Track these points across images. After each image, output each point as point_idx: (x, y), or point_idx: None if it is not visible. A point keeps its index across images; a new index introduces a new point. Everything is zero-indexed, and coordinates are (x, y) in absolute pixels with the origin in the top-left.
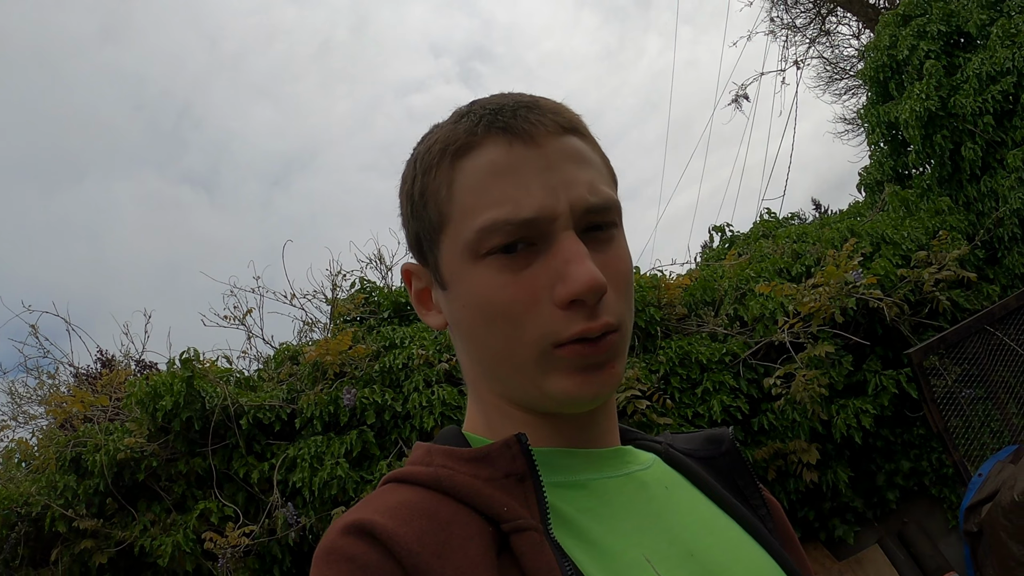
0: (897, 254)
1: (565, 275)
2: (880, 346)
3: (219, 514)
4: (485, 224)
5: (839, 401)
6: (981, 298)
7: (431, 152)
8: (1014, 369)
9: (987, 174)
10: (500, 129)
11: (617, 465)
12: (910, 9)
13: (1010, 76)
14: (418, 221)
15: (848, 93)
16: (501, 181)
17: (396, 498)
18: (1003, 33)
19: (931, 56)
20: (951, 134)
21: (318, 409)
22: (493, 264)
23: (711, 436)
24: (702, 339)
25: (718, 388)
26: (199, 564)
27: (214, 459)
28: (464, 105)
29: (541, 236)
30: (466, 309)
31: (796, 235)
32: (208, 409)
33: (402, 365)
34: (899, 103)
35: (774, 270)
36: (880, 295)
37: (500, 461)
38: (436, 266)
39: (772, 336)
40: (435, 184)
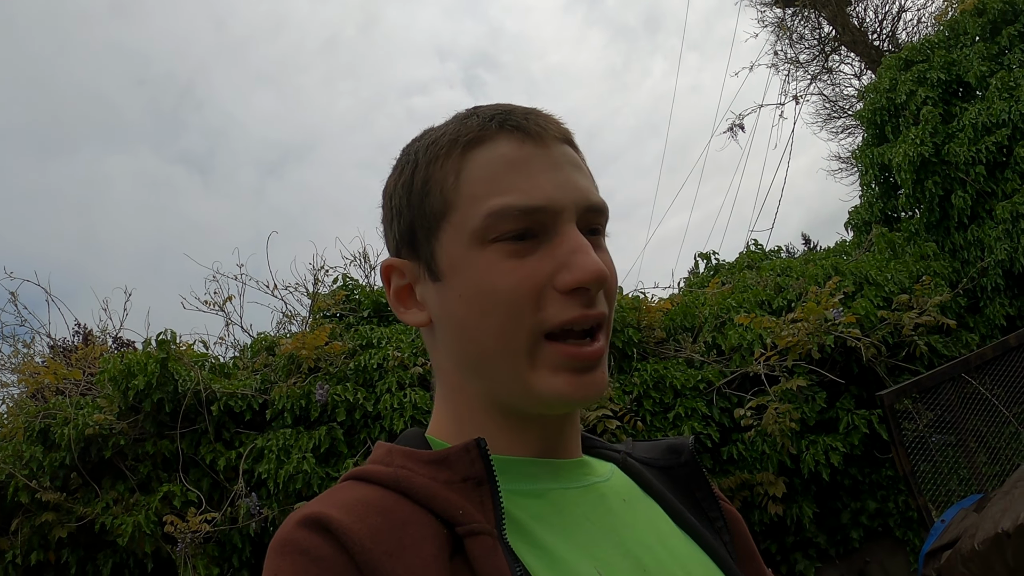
0: (879, 295)
1: (571, 263)
2: (855, 385)
3: (182, 498)
4: (494, 209)
5: (809, 437)
6: (959, 345)
7: (438, 143)
8: (987, 419)
9: (975, 223)
10: (513, 127)
11: (577, 476)
12: (912, 54)
13: (1005, 128)
14: (415, 211)
15: (845, 132)
16: (512, 172)
17: (354, 495)
18: (1002, 85)
19: (929, 102)
20: (942, 181)
21: (290, 402)
22: (500, 250)
23: (671, 445)
24: (678, 364)
25: (690, 414)
26: (158, 547)
27: (182, 443)
28: (466, 109)
29: (545, 228)
30: (462, 299)
31: (780, 268)
32: (180, 392)
33: (377, 365)
34: (894, 146)
35: (756, 302)
36: (858, 335)
37: (458, 465)
38: (431, 257)
39: (748, 367)
40: (441, 172)
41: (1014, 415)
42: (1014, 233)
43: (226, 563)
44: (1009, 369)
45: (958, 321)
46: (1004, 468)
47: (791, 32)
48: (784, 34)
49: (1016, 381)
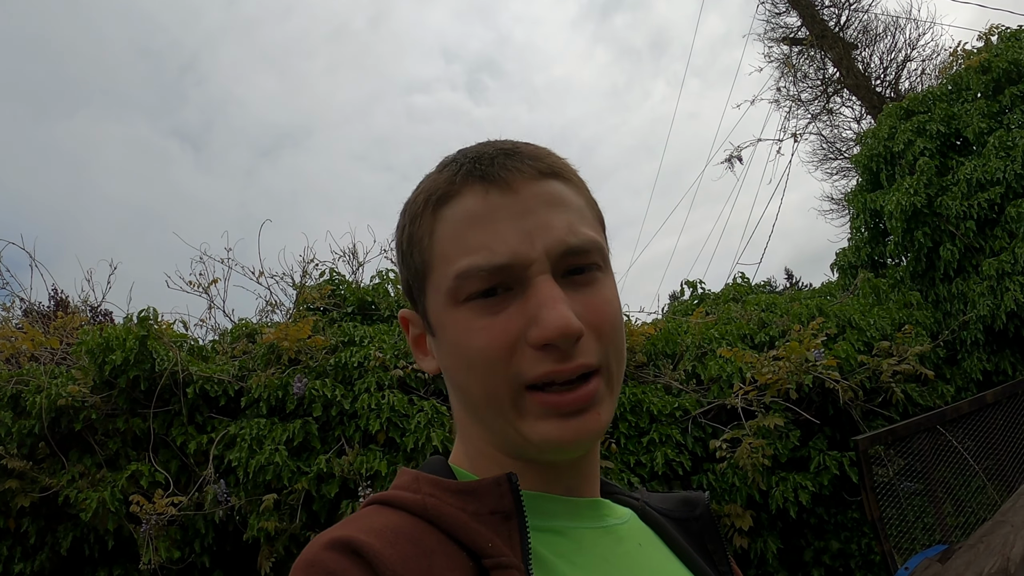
0: (861, 340)
1: (538, 319)
2: (829, 426)
3: (150, 479)
4: (460, 271)
5: (780, 473)
6: (935, 396)
7: (416, 202)
8: (956, 471)
9: (960, 277)
10: (478, 178)
11: (596, 516)
12: (914, 105)
13: (999, 187)
14: (407, 269)
15: (839, 174)
16: (476, 228)
17: (382, 520)
18: (999, 144)
19: (926, 154)
20: (932, 232)
21: (267, 392)
22: (472, 309)
23: (687, 499)
24: (656, 390)
25: (664, 441)
26: (121, 525)
27: (154, 422)
28: (451, 154)
29: (517, 281)
30: (451, 356)
31: (765, 304)
32: (157, 371)
33: (358, 364)
34: (887, 193)
35: (738, 334)
36: (837, 377)
37: (488, 497)
38: (425, 312)
39: (726, 399)
40: (419, 233)
41: (983, 469)
42: (998, 290)
43: (188, 547)
44: (983, 424)
45: (936, 372)
46: (970, 520)
47: (796, 70)
48: (789, 71)
49: (989, 436)
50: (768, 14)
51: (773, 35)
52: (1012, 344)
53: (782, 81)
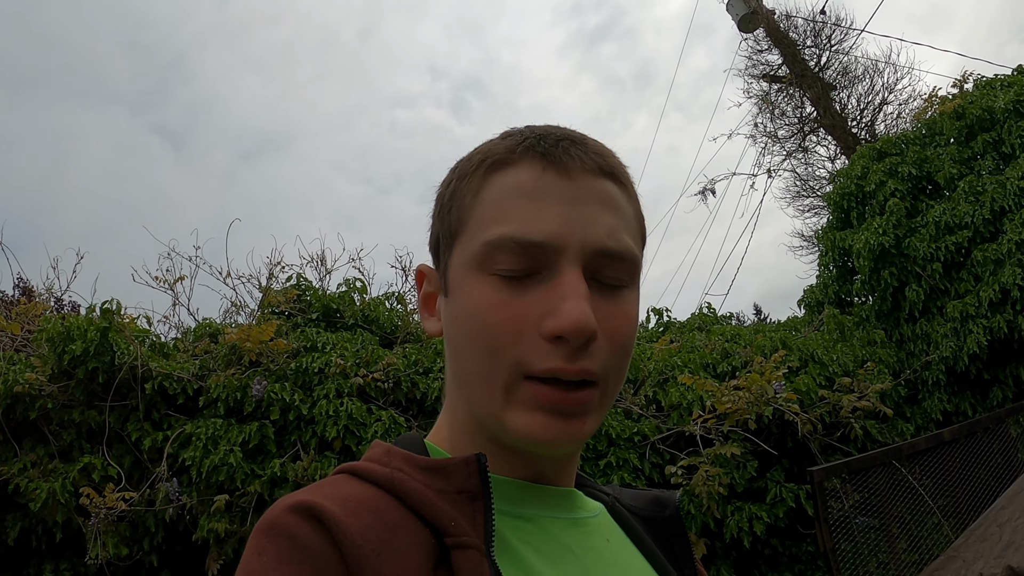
0: (823, 374)
1: (557, 309)
2: (787, 458)
3: (102, 472)
4: (492, 238)
5: (736, 503)
6: (894, 433)
7: (471, 160)
8: (912, 507)
9: (925, 318)
10: (539, 154)
11: (567, 507)
12: (887, 147)
13: (967, 231)
14: (441, 223)
15: (811, 211)
16: (522, 201)
17: (347, 490)
18: (969, 189)
19: (896, 195)
20: (899, 272)
21: (225, 392)
22: (494, 282)
23: (658, 498)
24: (616, 414)
25: (621, 464)
26: (70, 517)
27: (110, 416)
28: (517, 127)
29: (546, 265)
30: (457, 320)
31: (730, 335)
32: (117, 365)
33: (318, 370)
34: (856, 232)
35: (701, 363)
36: (797, 409)
37: (456, 476)
38: (445, 271)
39: (685, 426)
40: (464, 191)
41: (939, 507)
42: (961, 332)
43: (136, 545)
44: (940, 462)
45: (896, 410)
46: (924, 557)
47: (774, 107)
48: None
49: (945, 475)
50: (750, 51)
51: (754, 72)
52: (973, 386)
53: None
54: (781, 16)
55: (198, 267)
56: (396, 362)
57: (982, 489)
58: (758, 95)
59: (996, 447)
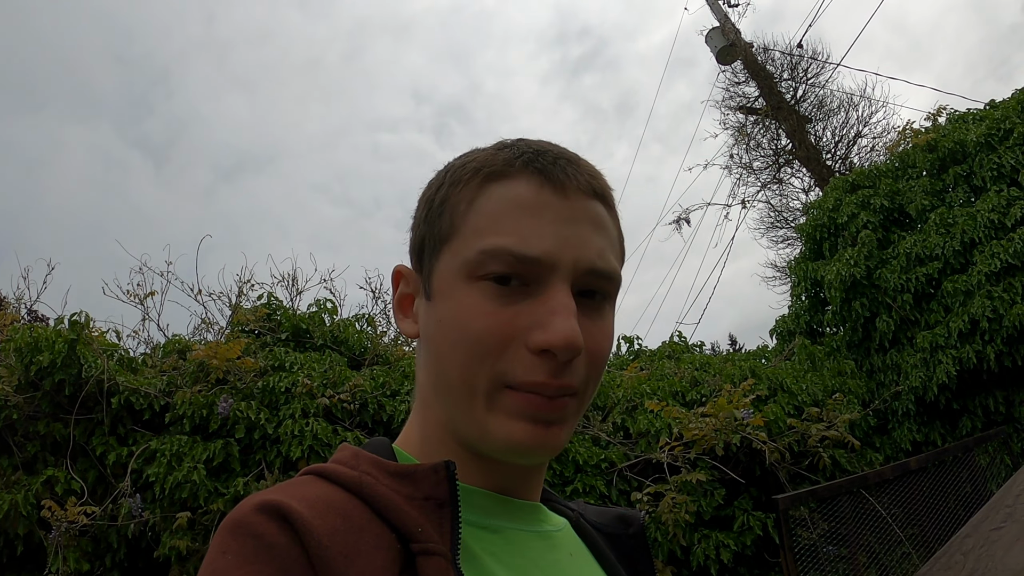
0: (791, 403)
1: (547, 324)
2: (755, 487)
3: (65, 486)
4: (488, 247)
5: (703, 531)
6: (863, 463)
7: (465, 168)
8: (881, 537)
9: (895, 348)
10: (537, 169)
11: (533, 520)
12: (860, 179)
13: (937, 262)
14: (428, 227)
15: (784, 242)
16: (520, 215)
17: (315, 491)
18: (940, 221)
19: (868, 227)
20: (870, 303)
21: (191, 409)
22: (484, 289)
23: (622, 516)
24: (584, 440)
25: (588, 491)
26: (32, 530)
27: (76, 429)
28: (509, 139)
29: (536, 279)
30: (441, 324)
31: (700, 363)
32: (84, 378)
33: (285, 389)
34: (828, 264)
35: (670, 391)
36: (764, 438)
37: (424, 483)
38: (429, 275)
39: (652, 454)
40: (458, 197)
41: (908, 536)
42: (931, 363)
43: (98, 561)
44: (908, 491)
45: (866, 440)
46: None
47: (749, 139)
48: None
49: (913, 503)
50: (728, 82)
51: (731, 103)
52: (943, 416)
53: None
54: (759, 49)
55: (169, 283)
56: (363, 384)
57: (950, 518)
58: (734, 126)
59: (964, 476)
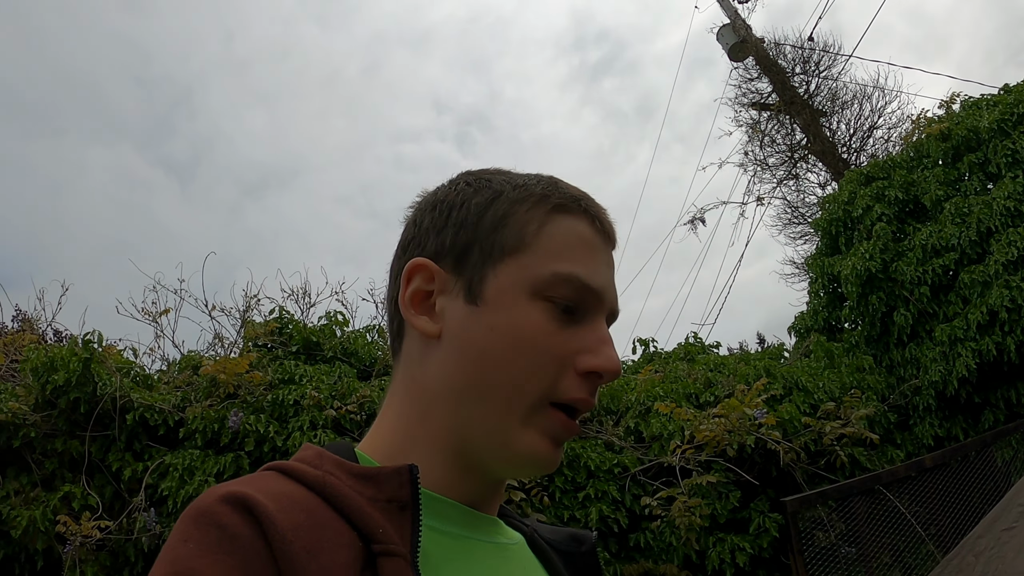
0: (807, 402)
1: (598, 351)
2: (772, 488)
3: (82, 501)
4: (563, 271)
5: (718, 534)
6: (884, 460)
7: (528, 189)
8: (903, 535)
9: (914, 342)
10: (593, 216)
11: (491, 532)
12: (874, 171)
13: (953, 253)
14: (482, 233)
15: (802, 238)
16: (585, 251)
17: (278, 486)
18: (955, 211)
19: (883, 219)
20: (887, 297)
21: (203, 424)
22: (548, 309)
23: (575, 535)
24: (596, 445)
25: (600, 497)
26: (51, 545)
27: (92, 446)
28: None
29: (587, 310)
30: (493, 332)
31: (714, 364)
32: (98, 395)
33: (294, 402)
34: (844, 258)
35: (684, 394)
36: (778, 437)
37: (387, 485)
38: (479, 280)
39: (664, 457)
40: (526, 216)
41: (930, 536)
42: (950, 356)
43: (116, 574)
44: (927, 489)
45: (886, 437)
46: None
47: (763, 135)
48: (756, 136)
49: (933, 501)
50: (741, 79)
51: (744, 100)
52: (964, 410)
53: (750, 145)
54: (770, 44)
55: (183, 300)
56: (370, 394)
57: (971, 514)
58: (748, 123)
59: (985, 471)
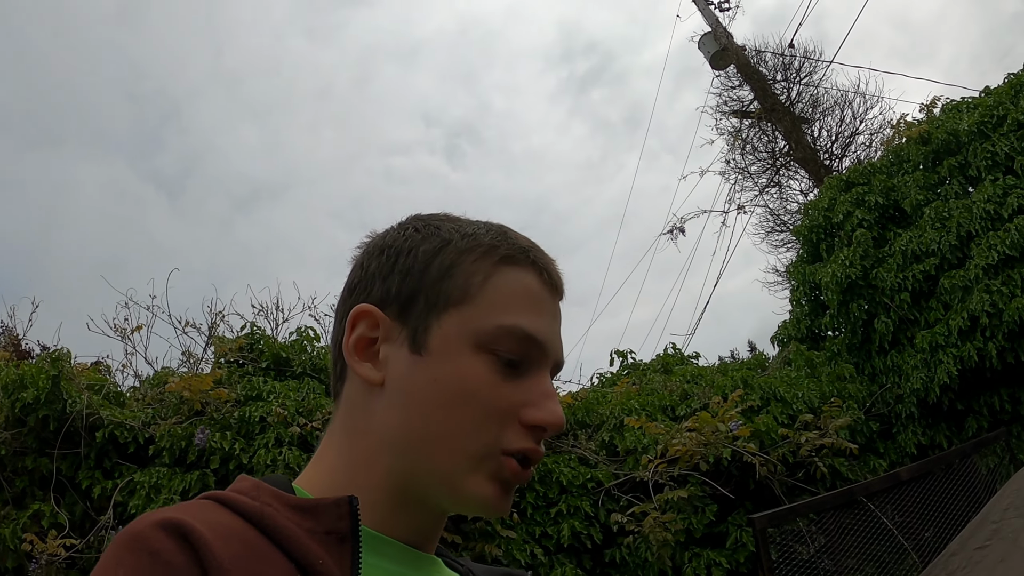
0: (785, 413)
1: (541, 405)
2: (751, 501)
3: (51, 519)
4: (507, 324)
5: (694, 549)
6: (866, 470)
7: (477, 239)
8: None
9: (895, 349)
10: (541, 268)
11: (430, 571)
12: (854, 177)
13: (933, 258)
14: (428, 283)
15: (785, 246)
16: (530, 303)
17: (216, 516)
18: (935, 215)
19: (864, 225)
20: (868, 305)
21: (171, 441)
22: (492, 362)
23: (509, 575)
24: (569, 460)
25: (573, 512)
26: (21, 563)
27: (62, 464)
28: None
29: (531, 362)
30: (437, 384)
31: (691, 375)
32: (68, 412)
33: (260, 418)
34: (824, 266)
35: (660, 406)
36: (754, 450)
37: (326, 517)
38: (423, 330)
39: (637, 472)
40: (473, 267)
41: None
42: (931, 363)
43: None
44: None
45: (869, 446)
46: None
47: (745, 143)
48: (737, 144)
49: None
50: (722, 87)
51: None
52: (947, 418)
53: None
54: (752, 51)
55: (155, 316)
56: None
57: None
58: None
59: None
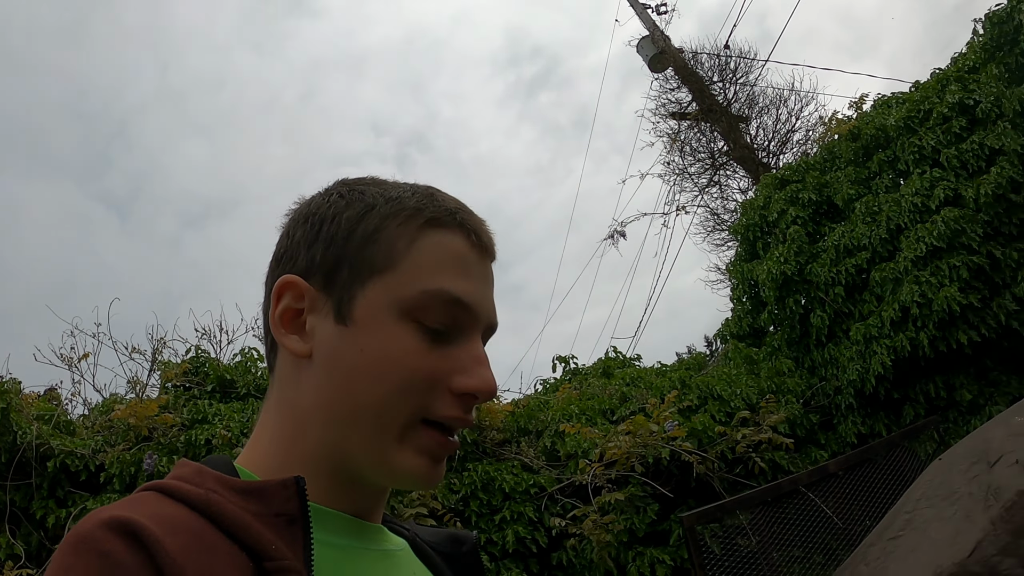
0: (723, 411)
1: (472, 371)
2: (693, 498)
3: (7, 551)
4: (431, 288)
5: (638, 548)
6: (807, 461)
7: (401, 203)
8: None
9: (832, 342)
10: (469, 229)
11: (378, 540)
12: (788, 174)
13: (865, 252)
14: (351, 250)
15: (725, 245)
16: (457, 266)
17: (161, 510)
18: (866, 209)
19: (798, 222)
20: (804, 300)
21: (120, 467)
22: (417, 329)
23: (455, 536)
24: (512, 467)
25: (517, 518)
26: None
27: (16, 495)
28: (422, 184)
29: (460, 328)
30: (363, 354)
31: (630, 378)
32: (19, 444)
33: (206, 441)
34: (761, 263)
35: (599, 410)
36: (690, 448)
37: (273, 499)
38: (348, 300)
39: (576, 476)
40: (397, 232)
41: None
42: (866, 354)
43: None
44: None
45: (810, 438)
46: None
47: (683, 144)
48: (675, 145)
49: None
50: (661, 90)
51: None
52: (885, 407)
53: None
54: (689, 54)
55: (101, 343)
56: None
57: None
58: (668, 133)
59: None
